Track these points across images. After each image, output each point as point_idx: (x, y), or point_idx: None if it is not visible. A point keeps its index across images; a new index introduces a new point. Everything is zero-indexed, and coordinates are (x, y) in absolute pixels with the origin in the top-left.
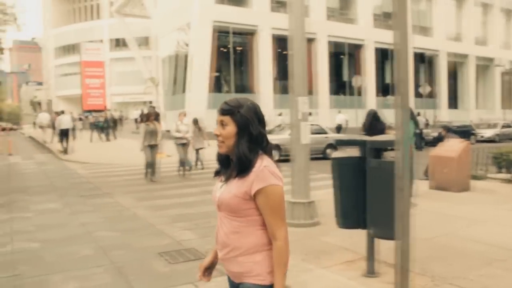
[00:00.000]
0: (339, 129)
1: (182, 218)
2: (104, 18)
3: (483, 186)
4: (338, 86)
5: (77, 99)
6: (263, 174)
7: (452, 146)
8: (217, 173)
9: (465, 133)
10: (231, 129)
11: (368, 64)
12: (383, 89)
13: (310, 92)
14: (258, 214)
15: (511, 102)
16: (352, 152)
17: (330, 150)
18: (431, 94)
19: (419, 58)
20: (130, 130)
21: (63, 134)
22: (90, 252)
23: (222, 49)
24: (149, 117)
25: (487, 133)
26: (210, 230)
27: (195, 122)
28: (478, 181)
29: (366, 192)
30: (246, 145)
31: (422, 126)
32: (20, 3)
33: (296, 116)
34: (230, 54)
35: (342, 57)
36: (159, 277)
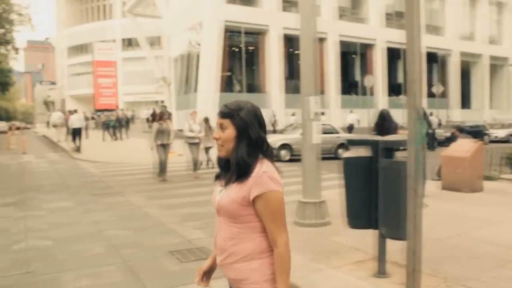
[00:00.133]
0: (351, 128)
1: (192, 217)
2: (116, 18)
3: (496, 187)
4: (349, 86)
5: (89, 99)
6: (262, 180)
7: (464, 146)
8: (217, 177)
9: (478, 133)
10: (230, 132)
11: (378, 63)
12: (394, 88)
13: (321, 91)
14: (257, 220)
15: None
16: (363, 152)
17: (341, 150)
18: (444, 94)
19: (431, 58)
20: (141, 129)
21: (76, 133)
22: (102, 250)
23: (233, 48)
24: (162, 116)
25: (500, 133)
26: None
27: (206, 121)
28: (491, 181)
29: (377, 192)
30: (245, 149)
31: (434, 126)
32: (34, 4)
33: (307, 115)
34: (241, 54)
35: (353, 56)
36: (170, 275)
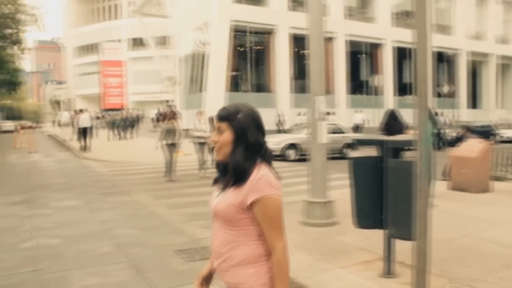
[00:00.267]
0: (359, 128)
1: (199, 217)
2: (124, 18)
3: (504, 187)
4: (356, 86)
5: (97, 98)
6: (259, 185)
7: (472, 146)
8: (215, 180)
9: (485, 133)
10: (228, 136)
11: (386, 63)
12: (402, 88)
13: (328, 91)
14: (254, 225)
15: None
16: (370, 152)
17: (348, 150)
18: (452, 94)
19: (440, 57)
20: (147, 128)
21: (84, 133)
22: (109, 249)
23: (240, 48)
24: (170, 115)
25: (508, 133)
26: None
27: (211, 121)
28: (499, 182)
29: (384, 192)
30: (243, 153)
31: (441, 126)
32: (42, 4)
33: (314, 115)
34: (248, 53)
35: (360, 56)
36: (177, 274)
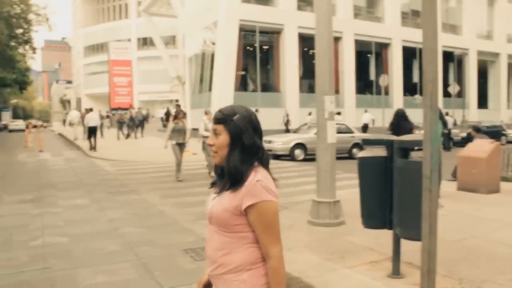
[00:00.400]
0: (366, 128)
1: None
2: (131, 18)
3: None
4: (364, 85)
5: (104, 97)
6: (255, 189)
7: (481, 146)
8: (213, 184)
9: (495, 133)
10: (224, 138)
11: (394, 63)
12: (410, 88)
13: (336, 91)
14: (249, 231)
15: None
16: (378, 152)
17: (356, 150)
18: (460, 94)
19: (448, 57)
20: (155, 128)
21: (92, 132)
22: (117, 247)
23: (248, 47)
24: (178, 115)
25: None
26: None
27: None
28: (508, 182)
29: (392, 192)
30: (239, 156)
31: (450, 126)
32: (51, 4)
33: (322, 115)
34: (256, 53)
35: (369, 56)
36: (185, 273)
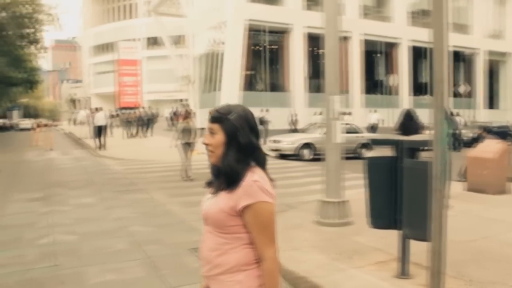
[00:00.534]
0: (374, 128)
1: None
2: (140, 17)
3: None
4: (371, 85)
5: (111, 97)
6: (252, 190)
7: (490, 147)
8: (209, 184)
9: (503, 133)
10: (220, 137)
11: (402, 62)
12: (418, 88)
13: (345, 91)
14: (245, 232)
15: None
16: (386, 152)
17: (363, 150)
18: (470, 94)
19: (458, 57)
20: (162, 127)
21: (100, 131)
22: (125, 246)
23: (256, 47)
24: (185, 115)
25: None
26: None
27: None
28: None
29: (400, 192)
30: (234, 155)
31: (460, 126)
32: (59, 4)
33: (329, 115)
34: (264, 53)
35: (376, 55)
36: (191, 272)
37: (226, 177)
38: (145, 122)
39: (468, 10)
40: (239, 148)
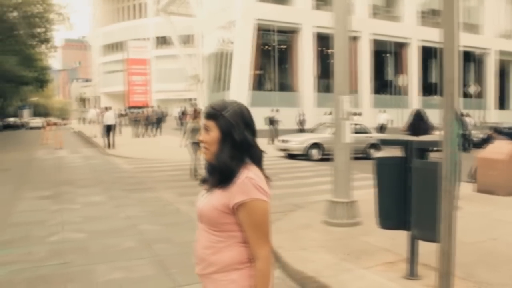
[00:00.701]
0: (383, 128)
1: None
2: (150, 17)
3: None
4: (381, 85)
5: (121, 96)
6: (246, 187)
7: (500, 148)
8: (203, 181)
9: (511, 135)
10: (214, 134)
11: (412, 62)
12: (427, 88)
13: (354, 91)
14: (239, 230)
15: None
16: (395, 152)
17: (372, 150)
18: (480, 94)
19: (467, 57)
20: (171, 126)
21: (109, 130)
22: (134, 244)
23: (265, 47)
24: (194, 114)
25: None
26: None
27: None
28: None
29: (409, 193)
30: (228, 152)
31: (469, 127)
32: (69, 3)
33: (338, 115)
34: (273, 52)
35: (385, 55)
36: None
37: (220, 174)
38: (153, 122)
39: (479, 9)
40: (234, 145)
